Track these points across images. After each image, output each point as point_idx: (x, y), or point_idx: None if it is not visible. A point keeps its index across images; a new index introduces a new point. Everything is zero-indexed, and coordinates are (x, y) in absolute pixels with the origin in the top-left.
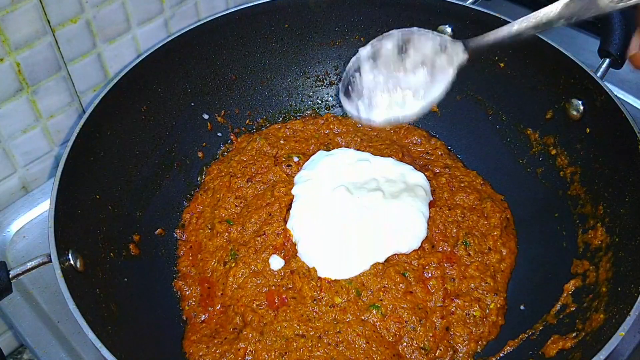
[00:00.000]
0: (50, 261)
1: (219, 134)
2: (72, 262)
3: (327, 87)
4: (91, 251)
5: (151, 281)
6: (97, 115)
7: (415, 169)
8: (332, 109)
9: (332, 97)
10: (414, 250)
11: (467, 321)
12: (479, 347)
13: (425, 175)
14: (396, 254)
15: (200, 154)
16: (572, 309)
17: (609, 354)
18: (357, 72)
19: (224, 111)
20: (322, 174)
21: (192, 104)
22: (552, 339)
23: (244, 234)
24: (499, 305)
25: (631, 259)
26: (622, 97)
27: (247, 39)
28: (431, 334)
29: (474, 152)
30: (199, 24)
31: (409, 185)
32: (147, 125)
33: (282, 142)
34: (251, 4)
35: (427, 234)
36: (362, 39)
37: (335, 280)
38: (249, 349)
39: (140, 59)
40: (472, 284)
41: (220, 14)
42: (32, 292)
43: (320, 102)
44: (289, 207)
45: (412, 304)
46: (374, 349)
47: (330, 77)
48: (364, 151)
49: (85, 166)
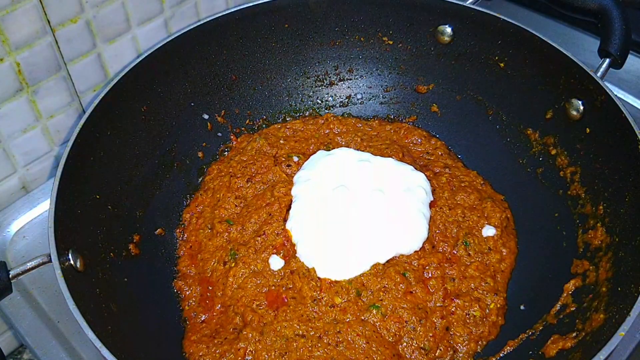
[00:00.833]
0: (50, 261)
1: (219, 134)
2: (72, 262)
3: (327, 87)
4: (91, 251)
5: (151, 281)
6: (97, 115)
7: (415, 169)
8: (332, 108)
9: (332, 97)
10: (414, 250)
11: (467, 321)
12: (479, 347)
13: (425, 175)
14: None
15: (200, 154)
16: (572, 309)
17: (609, 354)
18: None
19: (224, 111)
20: (322, 174)
21: (192, 104)
22: (552, 338)
23: (243, 234)
24: (499, 305)
25: (631, 259)
26: (622, 97)
27: (247, 39)
28: (431, 334)
29: (474, 152)
30: (199, 24)
31: (410, 185)
32: (147, 125)
33: (282, 142)
34: (251, 4)
35: (427, 234)
36: (362, 39)
37: (335, 280)
38: (249, 349)
39: (140, 59)
40: (472, 284)
41: (220, 14)
42: (32, 292)
43: (320, 102)
44: (289, 207)
45: (412, 304)
46: (374, 349)
47: (330, 77)
48: (364, 151)
49: (85, 166)
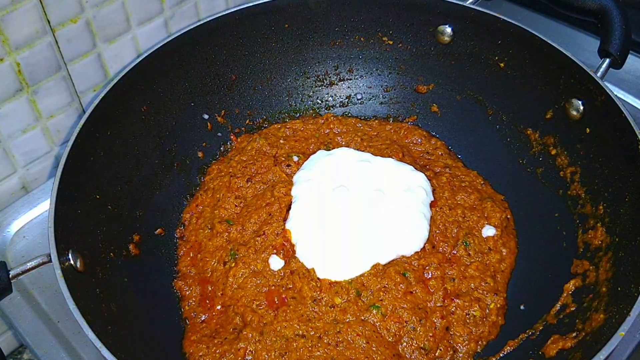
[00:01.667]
0: (50, 261)
1: (219, 134)
2: (72, 262)
3: (327, 87)
4: (91, 251)
5: (151, 281)
6: (97, 115)
7: (415, 169)
8: (332, 108)
9: (332, 97)
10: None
11: (467, 321)
12: (479, 347)
13: (425, 175)
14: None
15: (200, 154)
16: (572, 309)
17: (609, 354)
18: None
19: (224, 111)
20: (322, 174)
21: (192, 104)
22: (552, 338)
23: (243, 234)
24: (499, 305)
25: (631, 259)
26: (622, 97)
27: (247, 39)
28: (431, 334)
29: (474, 152)
30: (199, 24)
31: (410, 186)
32: (147, 125)
33: (282, 142)
34: (251, 4)
35: (428, 235)
36: (362, 39)
37: (335, 280)
38: (249, 349)
39: (140, 59)
40: (472, 284)
41: (220, 14)
42: (32, 292)
43: (320, 102)
44: (289, 207)
45: (412, 304)
46: (374, 349)
47: (330, 77)
48: (364, 151)
49: (85, 166)
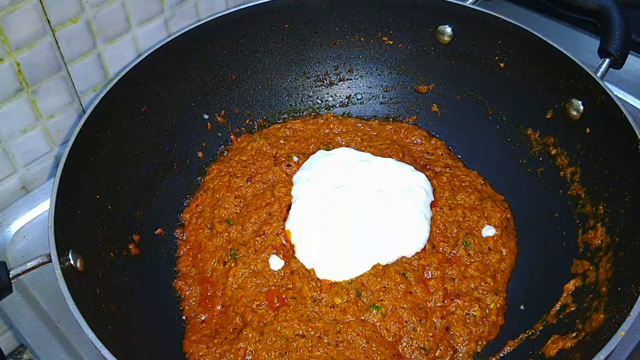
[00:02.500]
0: (50, 261)
1: (219, 134)
2: (72, 262)
3: (327, 87)
4: (91, 251)
5: (151, 281)
6: (97, 115)
7: (415, 169)
8: (332, 108)
9: (332, 97)
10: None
11: (467, 321)
12: (479, 347)
13: (425, 175)
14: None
15: (200, 154)
16: (572, 309)
17: (609, 354)
18: None
19: (224, 111)
20: (322, 174)
21: (192, 104)
22: (552, 338)
23: (243, 234)
24: (499, 305)
25: (631, 259)
26: (622, 97)
27: (247, 39)
28: (431, 334)
29: (474, 152)
30: (199, 24)
31: (410, 185)
32: (147, 125)
33: (282, 142)
34: (251, 4)
35: (428, 235)
36: (362, 39)
37: (335, 281)
38: (249, 349)
39: (140, 59)
40: (472, 284)
41: (220, 14)
42: (32, 292)
43: (320, 102)
44: (289, 207)
45: (412, 304)
46: (374, 349)
47: (330, 77)
48: (364, 151)
49: (85, 166)
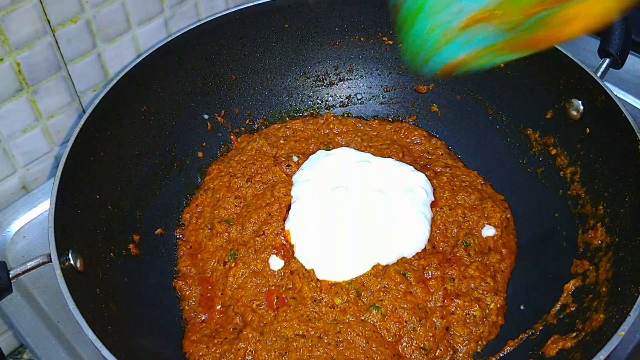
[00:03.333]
0: (50, 261)
1: (219, 134)
2: (72, 262)
3: (327, 87)
4: (91, 251)
5: (151, 281)
6: (97, 115)
7: (415, 169)
8: (332, 108)
9: (332, 97)
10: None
11: (467, 321)
12: (479, 347)
13: (426, 175)
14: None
15: (200, 154)
16: (572, 309)
17: (609, 354)
18: None
19: (224, 111)
20: (322, 174)
21: (192, 104)
22: (552, 338)
23: (243, 234)
24: (499, 305)
25: (631, 259)
26: (622, 97)
27: (247, 39)
28: (431, 334)
29: (474, 152)
30: (199, 24)
31: (410, 186)
32: (147, 125)
33: (282, 142)
34: (251, 4)
35: (429, 235)
36: (362, 39)
37: (335, 281)
38: (249, 349)
39: (140, 59)
40: (472, 284)
41: (220, 14)
42: (32, 292)
43: (320, 102)
44: (289, 207)
45: (412, 304)
46: (374, 349)
47: (330, 77)
48: (364, 151)
49: (85, 166)
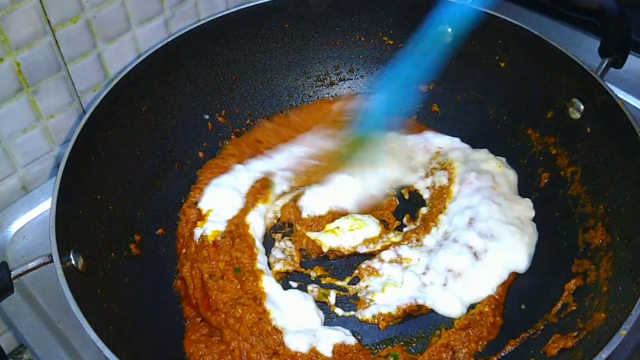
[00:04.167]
0: (51, 261)
1: (220, 134)
2: (73, 262)
3: (328, 86)
4: (92, 251)
5: (152, 281)
6: (98, 115)
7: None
8: None
9: (332, 97)
10: None
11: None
12: (479, 347)
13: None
14: None
15: (200, 154)
16: (573, 308)
17: (610, 353)
18: None
19: (224, 111)
20: None
21: (193, 104)
22: (553, 338)
23: None
24: (492, 306)
25: (632, 258)
26: (622, 97)
27: (248, 39)
28: None
29: None
30: (200, 24)
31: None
32: (147, 125)
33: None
34: (251, 4)
35: None
36: (362, 39)
37: None
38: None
39: (140, 59)
40: None
41: (220, 14)
42: (32, 292)
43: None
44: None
45: None
46: None
47: (330, 77)
48: None
49: (86, 166)
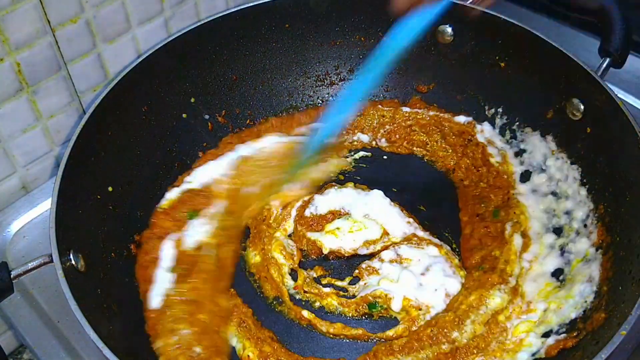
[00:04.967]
0: (51, 261)
1: (220, 134)
2: (73, 262)
3: (328, 87)
4: (92, 251)
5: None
6: (99, 115)
7: None
8: None
9: (332, 97)
10: None
11: None
12: None
13: None
14: None
15: (200, 154)
16: None
17: (610, 353)
18: None
19: (224, 111)
20: None
21: (193, 104)
22: (552, 337)
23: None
24: None
25: (632, 259)
26: (622, 97)
27: (248, 39)
28: None
29: None
30: (200, 23)
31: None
32: (148, 125)
33: None
34: (252, 4)
35: None
36: (362, 39)
37: None
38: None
39: (141, 59)
40: None
41: (220, 14)
42: (32, 292)
43: (321, 102)
44: None
45: None
46: None
47: (330, 77)
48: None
49: (86, 166)
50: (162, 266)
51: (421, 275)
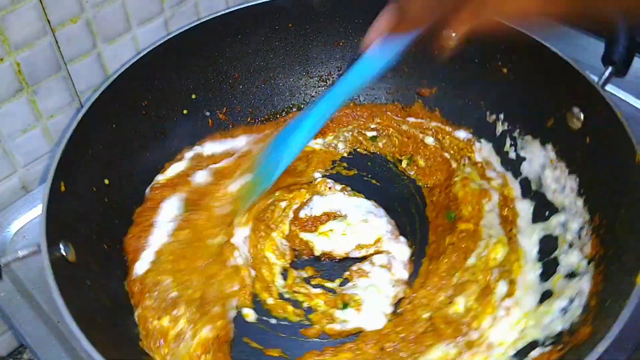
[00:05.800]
0: (40, 251)
1: (220, 131)
2: (63, 252)
3: (330, 87)
4: (85, 243)
5: None
6: (97, 107)
7: None
8: None
9: None
10: None
11: None
12: None
13: None
14: None
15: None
16: None
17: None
18: None
19: (225, 108)
20: None
21: (194, 100)
22: (537, 350)
23: None
24: None
25: (621, 274)
26: (622, 97)
27: (251, 38)
28: None
29: None
30: (202, 21)
31: None
32: (147, 119)
33: None
34: (256, 3)
35: None
36: None
37: None
38: None
39: (141, 54)
40: None
41: (223, 12)
42: (32, 292)
43: None
44: None
45: None
46: None
47: (333, 78)
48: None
49: (83, 158)
50: (163, 220)
51: None
